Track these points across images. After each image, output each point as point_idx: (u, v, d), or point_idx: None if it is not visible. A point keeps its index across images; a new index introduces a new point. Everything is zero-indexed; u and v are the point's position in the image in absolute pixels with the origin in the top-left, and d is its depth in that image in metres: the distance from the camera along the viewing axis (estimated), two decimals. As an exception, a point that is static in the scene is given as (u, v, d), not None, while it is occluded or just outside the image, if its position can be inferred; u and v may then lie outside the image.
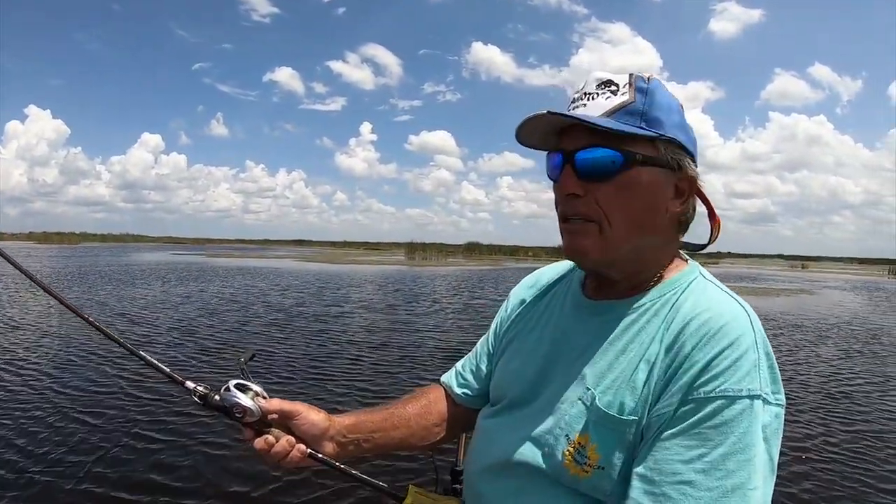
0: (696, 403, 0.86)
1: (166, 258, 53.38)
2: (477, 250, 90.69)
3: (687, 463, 0.84)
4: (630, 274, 1.05)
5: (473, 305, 18.68)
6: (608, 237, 0.99)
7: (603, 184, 0.97)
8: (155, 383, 6.95)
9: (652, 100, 0.98)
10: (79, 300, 16.35)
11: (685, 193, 1.02)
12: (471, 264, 58.70)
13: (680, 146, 1.00)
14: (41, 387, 7.20)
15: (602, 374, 0.99)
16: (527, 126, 1.02)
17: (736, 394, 0.84)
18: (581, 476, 0.95)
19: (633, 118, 0.97)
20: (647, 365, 0.94)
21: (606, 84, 1.00)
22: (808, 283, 42.14)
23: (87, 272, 28.94)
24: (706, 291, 1.00)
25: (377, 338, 11.72)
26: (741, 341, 0.88)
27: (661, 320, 0.98)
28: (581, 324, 1.10)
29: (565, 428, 0.99)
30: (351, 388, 7.75)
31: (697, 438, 0.84)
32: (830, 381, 9.33)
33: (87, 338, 9.90)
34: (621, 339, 1.00)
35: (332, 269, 42.45)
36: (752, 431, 0.83)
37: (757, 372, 0.87)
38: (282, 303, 17.51)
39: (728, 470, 0.81)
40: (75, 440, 5.39)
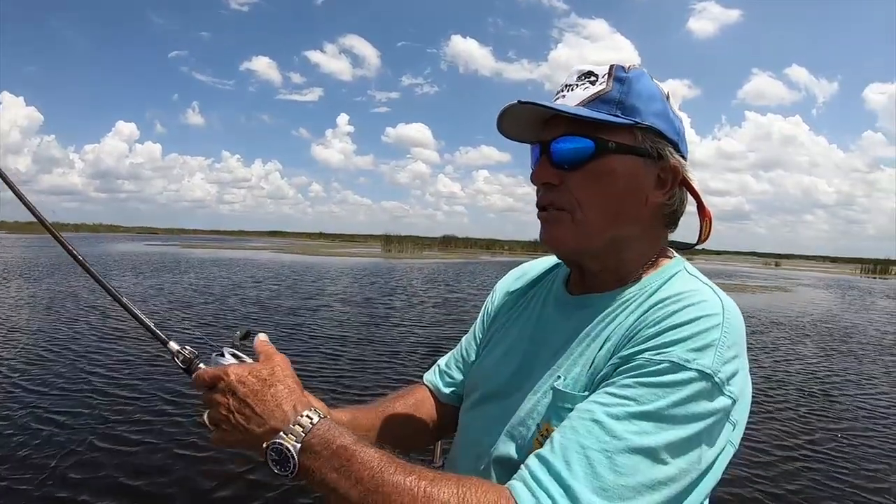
0: (640, 362, 0.83)
1: (141, 248, 52.66)
2: (453, 243, 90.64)
3: (605, 406, 0.81)
4: (611, 267, 1.04)
5: (451, 299, 18.68)
6: (581, 226, 0.98)
7: (576, 172, 0.97)
8: (128, 379, 6.87)
9: (629, 88, 0.97)
10: (50, 291, 16.22)
11: (668, 183, 1.00)
12: (446, 257, 58.74)
13: (660, 135, 0.98)
14: (7, 384, 7.05)
15: (573, 364, 0.98)
16: (507, 117, 1.02)
17: (684, 363, 0.81)
18: None
19: (609, 106, 0.96)
20: (608, 344, 0.94)
21: (587, 75, 1.00)
22: (783, 281, 42.93)
23: (61, 262, 28.66)
24: (686, 282, 0.98)
25: (356, 333, 11.63)
26: (706, 321, 0.86)
27: (635, 307, 0.97)
28: (561, 320, 1.09)
29: (536, 417, 0.98)
30: (334, 384, 7.68)
31: (627, 391, 0.81)
32: (810, 378, 9.41)
33: (58, 332, 9.83)
34: (595, 329, 0.99)
35: (308, 260, 42.21)
36: (691, 407, 0.79)
37: (713, 352, 0.83)
38: (257, 295, 17.38)
39: (644, 429, 0.77)
40: (40, 439, 5.25)
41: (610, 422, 0.78)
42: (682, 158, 1.02)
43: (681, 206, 1.05)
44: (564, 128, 0.98)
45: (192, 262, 34.73)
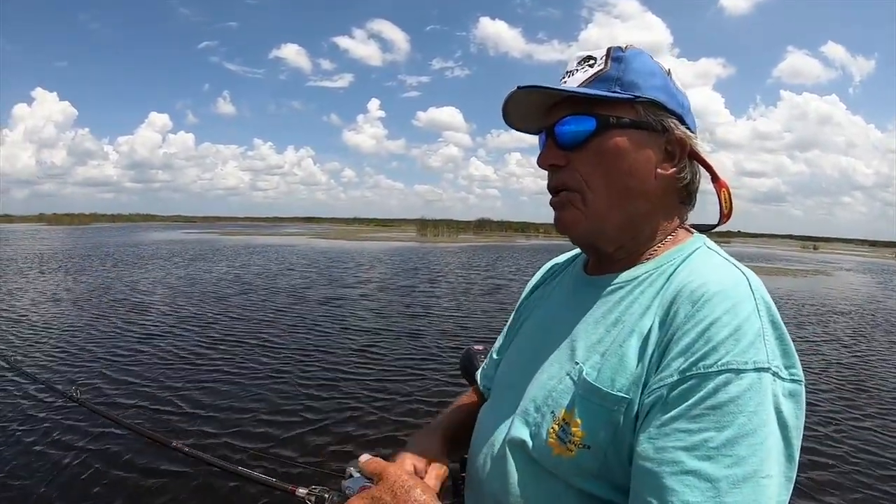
0: (696, 380, 0.78)
1: (178, 237, 53.68)
2: (487, 227, 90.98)
3: (689, 450, 0.75)
4: (626, 245, 1.02)
5: (494, 285, 18.77)
6: (591, 205, 0.98)
7: (581, 151, 0.97)
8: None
9: (627, 66, 0.98)
10: (98, 281, 16.71)
11: (676, 155, 0.99)
12: (482, 241, 58.83)
13: (662, 107, 0.98)
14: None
15: (592, 348, 0.95)
16: (512, 108, 1.03)
17: (740, 367, 0.76)
18: (565, 456, 0.89)
19: (608, 84, 0.96)
20: (640, 338, 0.89)
21: (586, 59, 1.00)
22: (823, 265, 42.33)
23: (109, 253, 29.31)
24: (706, 261, 0.95)
25: (399, 320, 11.64)
26: (740, 307, 0.82)
27: (655, 290, 0.94)
28: (577, 300, 1.07)
29: (552, 405, 0.95)
30: (388, 372, 7.72)
31: (699, 421, 0.76)
32: (859, 366, 9.15)
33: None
34: (614, 311, 0.97)
35: (346, 245, 42.73)
36: (763, 411, 0.75)
37: (762, 342, 0.79)
38: (304, 284, 17.61)
39: (738, 456, 0.73)
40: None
41: (703, 466, 0.74)
42: (688, 131, 1.00)
43: (694, 179, 1.03)
44: (567, 110, 0.99)
45: (231, 249, 35.33)
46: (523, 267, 26.25)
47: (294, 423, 5.51)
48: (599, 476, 0.87)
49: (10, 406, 5.58)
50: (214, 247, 36.64)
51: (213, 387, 6.52)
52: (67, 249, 31.74)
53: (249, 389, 6.45)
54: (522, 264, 28.56)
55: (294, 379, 6.91)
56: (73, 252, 29.22)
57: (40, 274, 18.08)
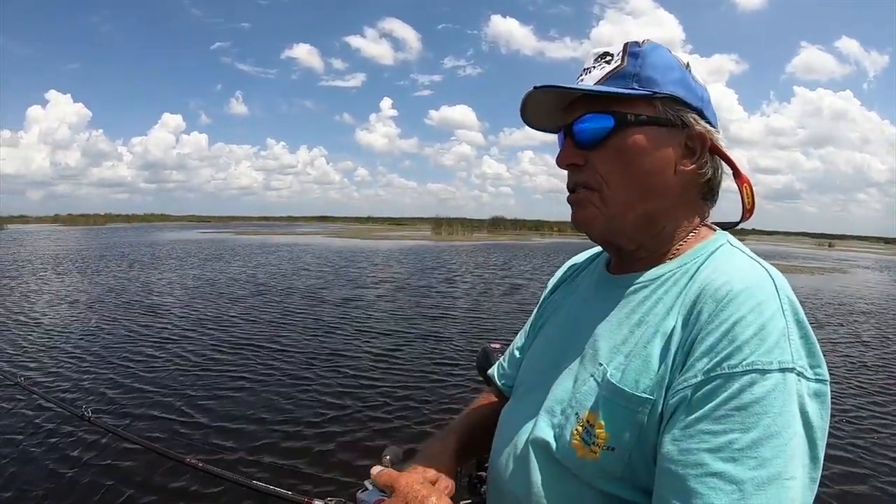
0: (720, 380, 0.77)
1: (193, 237, 54.03)
2: (501, 225, 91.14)
3: (714, 452, 0.75)
4: (647, 244, 1.01)
5: (512, 285, 18.70)
6: (610, 203, 0.97)
7: (599, 150, 0.96)
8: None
9: (644, 61, 0.97)
10: (112, 283, 16.81)
11: (697, 151, 0.97)
12: (496, 239, 58.76)
13: (681, 102, 0.96)
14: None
15: (616, 349, 0.94)
16: (529, 108, 1.03)
17: (765, 367, 0.76)
18: (588, 457, 0.88)
19: (625, 81, 0.95)
20: (663, 339, 0.88)
21: (602, 56, 1.00)
22: (839, 262, 42.08)
23: (124, 253, 29.41)
24: (730, 258, 0.94)
25: (422, 326, 11.52)
26: (764, 307, 0.81)
27: (678, 290, 0.92)
28: (598, 301, 1.06)
29: (576, 406, 0.94)
30: (406, 373, 7.62)
31: (724, 422, 0.75)
32: (882, 367, 8.94)
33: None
34: (637, 312, 0.96)
35: (361, 244, 42.82)
36: (788, 412, 0.75)
37: (787, 341, 0.78)
38: (319, 284, 17.61)
39: (762, 458, 0.72)
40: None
41: (727, 468, 0.73)
42: (708, 125, 0.99)
43: (715, 175, 1.01)
44: (584, 109, 0.97)
45: (247, 249, 35.45)
46: (540, 266, 26.14)
47: (310, 433, 5.39)
48: (623, 478, 0.87)
49: (21, 423, 5.41)
50: (229, 246, 36.77)
51: (227, 395, 6.40)
52: (82, 250, 31.99)
53: (264, 397, 6.34)
54: (538, 263, 28.45)
55: (310, 386, 6.79)
56: (88, 253, 29.41)
57: (55, 275, 18.15)
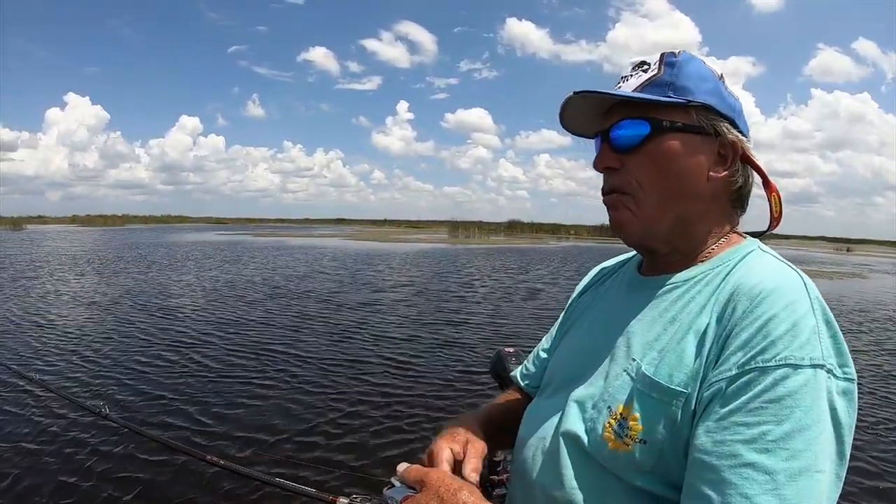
0: (755, 374, 0.79)
1: (211, 238, 54.47)
2: (518, 228, 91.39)
3: (748, 443, 0.76)
4: (681, 248, 1.03)
5: (533, 289, 18.52)
6: (643, 206, 0.99)
7: (635, 154, 0.99)
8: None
9: (679, 70, 1.00)
10: (129, 284, 16.96)
11: (728, 159, 1.00)
12: (514, 242, 58.70)
13: (715, 111, 0.99)
14: None
15: (649, 345, 0.96)
16: (568, 111, 1.06)
17: (798, 362, 0.78)
18: (621, 450, 0.90)
19: (661, 89, 0.98)
20: (697, 335, 0.90)
21: (640, 65, 1.04)
22: (858, 267, 41.69)
23: (142, 255, 29.65)
24: (761, 261, 0.96)
25: (442, 332, 11.45)
26: (797, 305, 0.83)
27: (711, 290, 0.95)
28: (631, 301, 1.08)
29: (608, 399, 0.95)
30: (430, 375, 7.52)
31: (758, 414, 0.77)
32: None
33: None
34: (670, 310, 0.98)
35: (379, 247, 43.03)
36: (819, 406, 0.77)
37: (818, 339, 0.80)
38: (336, 287, 17.66)
39: (794, 450, 0.74)
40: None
41: (761, 459, 0.75)
42: (740, 135, 1.01)
43: (746, 183, 1.03)
44: (622, 114, 1.00)
45: (271, 251, 35.67)
46: (557, 269, 26.03)
47: (329, 435, 5.39)
48: (653, 471, 0.88)
49: (38, 422, 5.39)
50: (247, 248, 37.00)
51: (244, 398, 6.34)
52: (100, 251, 32.37)
53: (281, 401, 6.27)
54: (556, 267, 28.36)
55: (328, 390, 6.72)
56: (106, 254, 29.73)
57: (73, 276, 18.29)
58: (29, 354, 8.10)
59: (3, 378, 6.37)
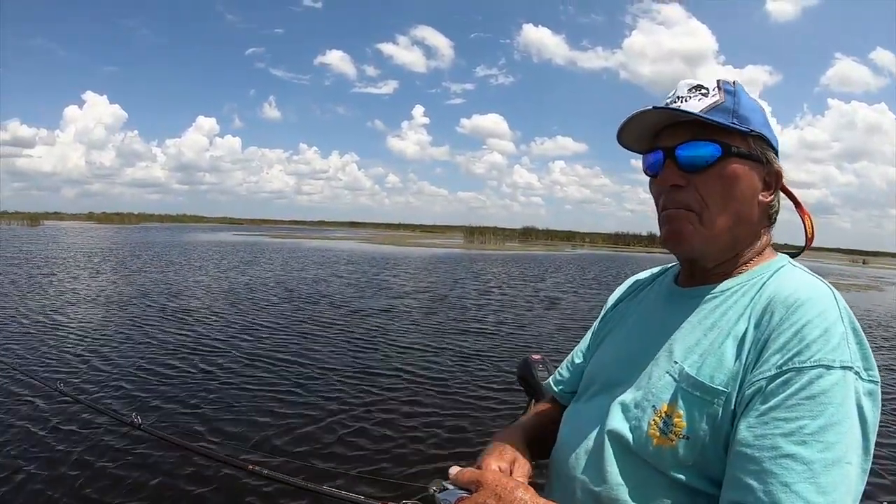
0: (792, 374, 0.86)
1: (228, 238, 54.66)
2: (533, 235, 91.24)
3: (786, 436, 0.82)
4: (723, 262, 1.08)
5: (556, 299, 18.43)
6: (708, 225, 1.03)
7: (704, 175, 1.02)
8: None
9: (739, 100, 1.05)
10: (147, 286, 17.05)
11: (772, 186, 1.07)
12: (529, 249, 58.75)
13: (766, 142, 1.06)
14: None
15: (690, 349, 1.00)
16: (629, 125, 1.10)
17: (830, 363, 0.84)
18: (665, 446, 0.95)
19: (726, 115, 1.02)
20: (735, 340, 0.96)
21: (697, 88, 1.06)
22: (875, 280, 41.22)
23: (159, 254, 29.98)
24: (793, 274, 1.03)
25: (463, 343, 11.44)
26: (828, 313, 0.90)
27: (748, 300, 1.00)
28: (671, 310, 1.12)
29: (652, 399, 1.00)
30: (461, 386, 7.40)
31: (795, 410, 0.83)
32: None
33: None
34: (710, 317, 1.03)
35: (396, 251, 43.13)
36: (848, 404, 0.83)
37: (846, 344, 0.87)
38: (353, 293, 17.72)
39: (828, 442, 0.81)
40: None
41: (799, 450, 0.81)
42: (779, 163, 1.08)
43: (779, 205, 1.11)
44: (689, 135, 1.03)
45: (288, 253, 35.74)
46: (574, 277, 25.63)
47: (361, 443, 5.29)
48: (694, 465, 0.93)
49: (66, 433, 5.15)
50: (264, 250, 37.06)
51: (273, 405, 6.21)
52: (118, 249, 32.50)
53: (310, 408, 6.15)
54: (573, 273, 28.27)
55: (357, 398, 6.61)
56: (123, 252, 29.85)
57: (91, 275, 18.31)
58: (50, 357, 7.96)
59: (28, 389, 6.15)
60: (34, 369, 7.07)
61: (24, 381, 6.19)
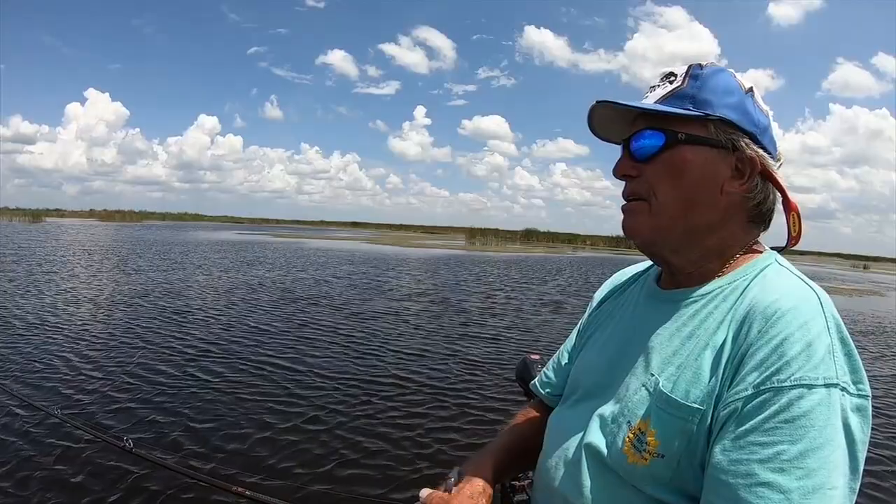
0: (769, 394, 0.81)
1: (230, 237, 54.51)
2: (535, 237, 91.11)
3: (763, 463, 0.79)
4: (694, 259, 1.05)
5: (559, 302, 18.49)
6: (656, 212, 1.02)
7: (652, 163, 1.02)
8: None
9: (703, 83, 1.01)
10: (146, 286, 16.98)
11: (745, 174, 1.01)
12: (530, 251, 58.66)
13: (734, 126, 1.00)
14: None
15: (667, 360, 0.98)
16: (595, 119, 1.10)
17: (812, 382, 0.80)
18: (639, 464, 0.93)
19: (681, 101, 1.01)
20: (713, 352, 0.92)
21: (668, 76, 1.06)
22: (876, 285, 41.18)
23: (161, 252, 29.97)
24: (778, 277, 0.98)
25: (468, 349, 11.42)
26: (811, 324, 0.85)
27: (728, 305, 0.96)
28: (650, 314, 1.10)
29: (628, 414, 0.98)
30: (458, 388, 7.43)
31: (773, 434, 0.79)
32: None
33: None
34: (688, 325, 0.99)
35: (399, 252, 43.10)
36: (832, 425, 0.79)
37: (832, 358, 0.82)
38: (359, 296, 17.70)
39: (808, 469, 0.77)
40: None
41: (776, 478, 0.77)
42: (762, 150, 1.02)
43: (766, 200, 1.04)
44: (643, 124, 1.03)
45: (292, 253, 35.59)
46: (577, 280, 25.84)
47: (350, 460, 5.01)
48: (670, 483, 0.91)
49: (60, 456, 4.75)
50: (267, 250, 36.93)
51: (266, 420, 5.85)
52: (119, 247, 32.18)
53: (303, 423, 5.80)
54: (576, 276, 28.24)
55: (350, 410, 6.22)
56: (124, 250, 29.63)
57: (91, 275, 17.81)
58: (39, 362, 7.44)
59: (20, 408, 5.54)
60: (19, 376, 6.84)
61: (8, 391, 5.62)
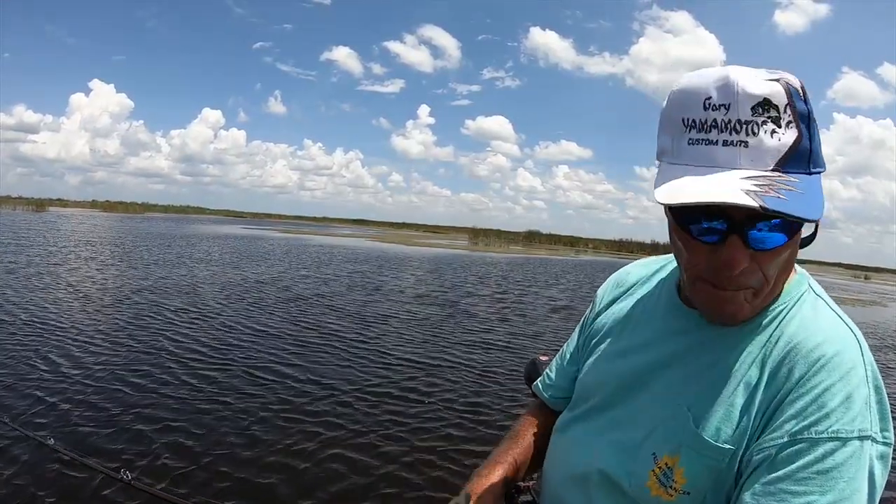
0: (805, 444, 0.80)
1: (233, 231, 54.87)
2: (537, 239, 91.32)
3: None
4: None
5: (568, 307, 18.43)
6: (762, 297, 0.91)
7: (770, 253, 0.86)
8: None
9: (815, 130, 0.83)
10: (148, 283, 16.81)
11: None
12: (531, 253, 58.74)
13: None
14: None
15: (700, 395, 0.93)
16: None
17: (848, 435, 0.79)
18: (664, 498, 0.91)
19: (802, 164, 0.82)
20: (746, 389, 0.89)
21: (764, 107, 0.80)
22: (878, 296, 41.15)
23: (165, 245, 29.78)
24: (816, 311, 0.94)
25: (476, 356, 11.28)
26: (852, 375, 0.83)
27: (764, 339, 0.91)
28: (678, 333, 1.02)
29: (654, 446, 0.95)
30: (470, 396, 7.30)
31: (805, 484, 0.78)
32: None
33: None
34: (721, 357, 0.93)
35: (404, 251, 43.23)
36: (860, 476, 0.79)
37: (868, 410, 0.81)
38: (363, 298, 17.67)
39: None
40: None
41: None
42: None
43: None
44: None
45: (296, 250, 35.52)
46: (584, 284, 25.67)
47: (362, 476, 4.74)
48: None
49: (54, 487, 4.13)
50: (272, 246, 36.81)
51: (260, 436, 5.35)
52: (122, 240, 31.98)
53: (308, 441, 5.31)
54: (582, 280, 28.20)
55: (360, 422, 5.90)
56: (127, 244, 29.23)
57: (96, 270, 17.62)
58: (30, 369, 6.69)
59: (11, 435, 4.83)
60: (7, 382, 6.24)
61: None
